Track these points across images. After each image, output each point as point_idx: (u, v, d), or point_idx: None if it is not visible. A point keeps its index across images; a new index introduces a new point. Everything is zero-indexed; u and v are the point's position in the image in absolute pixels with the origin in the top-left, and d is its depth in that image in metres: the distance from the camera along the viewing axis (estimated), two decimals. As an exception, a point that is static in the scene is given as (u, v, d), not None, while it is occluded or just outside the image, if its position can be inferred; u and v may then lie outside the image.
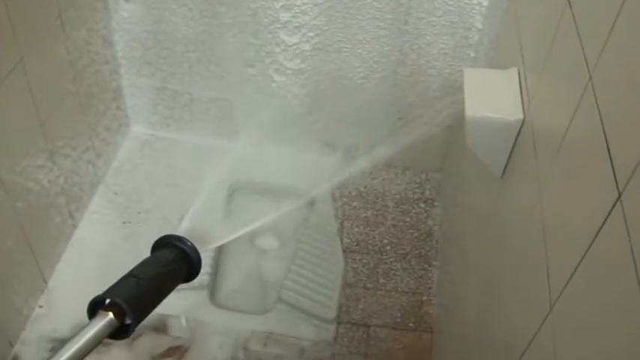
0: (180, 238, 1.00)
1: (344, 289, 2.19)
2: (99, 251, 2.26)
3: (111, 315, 0.87)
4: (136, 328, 0.93)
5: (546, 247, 1.02)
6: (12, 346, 1.98)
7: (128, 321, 0.87)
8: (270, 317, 2.09)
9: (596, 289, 0.81)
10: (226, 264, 2.29)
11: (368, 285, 2.21)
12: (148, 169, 2.57)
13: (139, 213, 2.40)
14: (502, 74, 1.46)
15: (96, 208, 2.41)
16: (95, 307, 0.89)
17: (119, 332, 0.87)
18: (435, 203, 2.49)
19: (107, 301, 0.88)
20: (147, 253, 2.21)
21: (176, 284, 0.98)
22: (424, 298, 2.18)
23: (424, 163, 2.60)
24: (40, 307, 2.10)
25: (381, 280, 2.23)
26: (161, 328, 2.05)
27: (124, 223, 2.37)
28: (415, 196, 2.52)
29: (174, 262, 0.98)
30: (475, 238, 1.70)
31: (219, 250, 2.29)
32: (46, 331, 2.04)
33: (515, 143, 1.35)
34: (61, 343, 1.91)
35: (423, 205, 2.48)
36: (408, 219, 2.43)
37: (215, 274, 2.23)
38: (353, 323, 2.11)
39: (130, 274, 0.95)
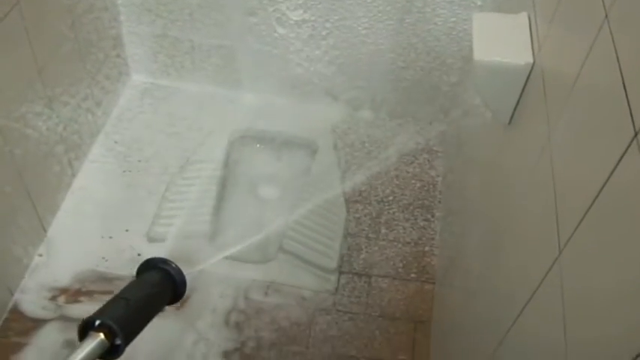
0: (165, 261, 1.02)
1: (346, 239, 2.18)
2: (99, 200, 2.25)
3: (102, 336, 0.88)
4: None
5: (556, 192, 1.00)
6: (12, 294, 1.98)
7: (118, 341, 0.89)
8: (272, 267, 2.08)
9: (607, 230, 0.79)
10: (227, 212, 2.27)
11: (370, 235, 2.20)
12: (148, 118, 2.54)
13: (139, 161, 2.38)
14: (512, 18, 1.41)
15: (96, 157, 2.39)
16: (85, 329, 0.90)
17: (110, 353, 0.89)
18: (439, 154, 2.47)
19: (97, 322, 0.89)
20: (146, 202, 2.22)
21: (163, 305, 1.01)
22: (426, 248, 2.17)
23: (428, 113, 2.57)
24: (40, 255, 2.09)
25: (383, 231, 2.21)
26: (162, 276, 2.04)
27: (124, 171, 2.35)
28: (419, 147, 2.49)
29: (160, 283, 1.00)
30: (480, 187, 1.68)
31: (220, 199, 2.28)
32: (46, 280, 2.03)
33: (524, 88, 1.32)
34: (60, 291, 1.92)
35: (426, 156, 2.46)
36: (411, 169, 2.41)
37: (216, 222, 2.22)
38: (354, 273, 2.10)
39: (119, 297, 0.95)
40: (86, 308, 1.94)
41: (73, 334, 1.86)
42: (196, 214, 2.19)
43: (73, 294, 2.00)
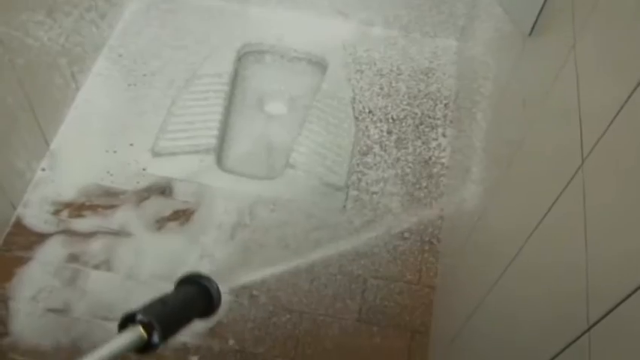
0: (208, 278, 1.06)
1: (355, 157, 2.13)
2: (103, 113, 2.20)
3: (141, 329, 0.91)
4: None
5: (580, 101, 0.95)
6: (14, 208, 1.96)
7: (156, 338, 0.92)
8: (278, 183, 2.05)
9: (632, 140, 0.74)
10: (234, 128, 2.23)
11: (379, 153, 2.15)
12: (154, 31, 2.47)
13: (144, 75, 2.32)
14: None
15: (100, 70, 2.33)
16: (126, 321, 0.94)
17: (145, 347, 0.92)
18: (452, 72, 2.40)
19: (139, 316, 0.93)
20: (152, 117, 2.18)
21: (196, 316, 1.06)
22: (435, 169, 2.13)
23: (442, 30, 2.49)
24: (43, 170, 2.06)
25: (393, 149, 2.17)
26: (167, 191, 2.01)
27: (129, 85, 2.29)
28: (431, 65, 2.42)
29: (198, 297, 1.06)
30: (496, 102, 1.63)
31: (227, 114, 2.23)
32: (49, 194, 2.00)
33: (547, -4, 1.26)
34: (63, 206, 1.90)
35: (439, 74, 2.39)
36: (422, 87, 2.35)
37: (222, 137, 2.18)
38: (363, 190, 2.06)
39: (160, 299, 1.01)
40: (90, 222, 1.94)
41: (76, 248, 1.86)
42: (202, 128, 2.15)
43: (77, 208, 1.97)
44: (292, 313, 1.82)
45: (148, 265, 1.86)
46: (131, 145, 2.12)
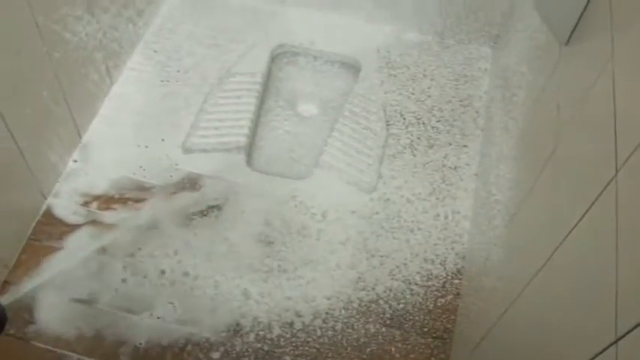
0: None
1: (384, 161, 2.13)
2: (136, 108, 2.22)
3: None
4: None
5: (616, 111, 0.94)
6: (45, 197, 1.98)
7: None
8: (307, 183, 2.05)
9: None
10: (265, 127, 2.24)
11: (409, 157, 2.15)
12: (189, 29, 2.49)
13: (177, 72, 2.34)
14: None
15: (134, 66, 2.35)
16: None
17: None
18: (485, 79, 2.39)
19: None
20: (184, 113, 2.20)
21: None
22: (465, 176, 2.12)
23: (476, 37, 2.48)
24: (75, 161, 2.08)
25: (423, 153, 2.16)
26: (197, 187, 2.02)
27: (162, 81, 2.31)
28: (465, 71, 2.41)
29: None
30: (529, 110, 1.62)
31: (258, 113, 2.24)
32: (80, 185, 2.02)
33: (587, 5, 1.24)
34: (93, 198, 1.92)
35: (471, 81, 2.38)
36: (454, 93, 2.34)
37: (253, 136, 2.19)
38: (391, 194, 2.06)
39: None
40: (119, 215, 1.96)
41: (104, 240, 1.89)
42: (234, 126, 2.16)
43: (106, 200, 1.99)
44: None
45: (174, 260, 1.87)
46: (163, 140, 2.14)
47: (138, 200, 1.99)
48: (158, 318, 1.78)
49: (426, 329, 1.81)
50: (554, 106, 1.33)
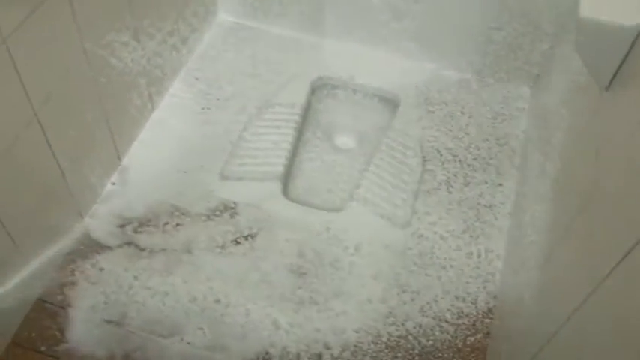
0: None
1: (420, 196, 2.13)
2: (175, 134, 2.26)
3: None
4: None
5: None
6: (82, 218, 2.01)
7: None
8: (342, 216, 2.06)
9: None
10: (302, 158, 2.26)
11: (443, 194, 2.15)
12: (231, 57, 2.54)
13: (218, 100, 2.38)
14: (623, -23, 1.33)
15: (176, 92, 2.40)
16: None
17: None
18: (523, 119, 2.39)
19: None
20: (222, 141, 2.23)
21: None
22: (499, 215, 2.11)
23: (516, 77, 2.49)
24: (113, 184, 2.12)
25: (457, 191, 2.16)
26: (232, 215, 2.04)
27: (203, 108, 2.35)
28: (503, 110, 2.42)
29: None
30: (564, 154, 1.62)
31: (296, 144, 2.27)
32: (116, 208, 2.06)
33: (629, 52, 1.25)
34: (130, 220, 1.95)
35: (510, 119, 2.39)
36: (492, 131, 2.34)
37: (290, 167, 2.21)
38: (424, 229, 2.06)
39: None
40: (154, 240, 1.99)
41: (138, 263, 1.91)
42: (271, 156, 2.18)
43: (143, 224, 2.02)
44: (344, 347, 1.82)
45: (206, 286, 1.89)
46: (201, 166, 2.17)
47: (173, 225, 2.02)
48: (188, 343, 1.79)
49: (454, 368, 1.80)
50: (592, 151, 1.33)
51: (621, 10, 1.25)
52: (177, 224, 2.02)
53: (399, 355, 1.81)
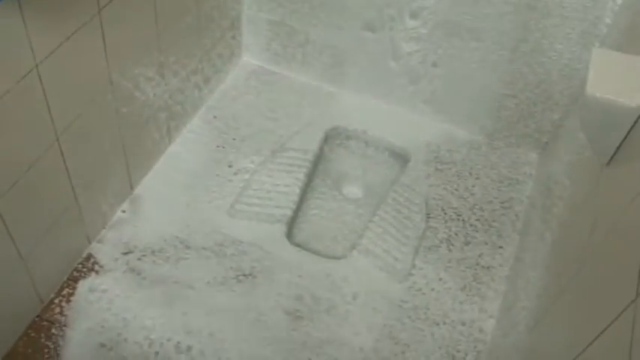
0: None
1: (420, 252, 2.17)
2: (189, 169, 2.31)
3: None
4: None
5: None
6: (89, 242, 2.05)
7: None
8: (342, 264, 2.10)
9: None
10: (309, 204, 2.31)
11: (444, 251, 2.18)
12: (250, 99, 2.60)
13: (233, 139, 2.43)
14: (632, 59, 1.39)
15: (194, 128, 2.46)
16: None
17: None
18: (528, 184, 2.43)
19: None
20: (234, 180, 2.28)
21: None
22: (496, 276, 2.14)
23: (525, 143, 2.54)
24: (123, 212, 2.17)
25: (458, 249, 2.19)
26: (237, 252, 2.08)
27: (218, 146, 2.41)
28: (510, 174, 2.46)
29: None
30: (563, 224, 1.65)
31: (305, 189, 2.32)
32: (124, 235, 2.10)
33: (630, 131, 1.30)
34: (135, 249, 1.98)
35: (516, 184, 2.43)
36: (497, 194, 2.38)
37: (297, 211, 2.25)
38: (422, 284, 2.09)
39: None
40: (156, 270, 2.02)
41: (138, 291, 1.94)
42: (279, 199, 2.23)
43: (147, 254, 2.06)
44: (333, 394, 1.84)
45: (203, 320, 1.92)
46: (209, 203, 2.21)
47: (178, 257, 2.06)
48: (180, 375, 1.81)
49: None
50: (589, 224, 1.37)
51: (627, 90, 1.30)
52: (181, 257, 2.06)
53: (386, 406, 1.83)
